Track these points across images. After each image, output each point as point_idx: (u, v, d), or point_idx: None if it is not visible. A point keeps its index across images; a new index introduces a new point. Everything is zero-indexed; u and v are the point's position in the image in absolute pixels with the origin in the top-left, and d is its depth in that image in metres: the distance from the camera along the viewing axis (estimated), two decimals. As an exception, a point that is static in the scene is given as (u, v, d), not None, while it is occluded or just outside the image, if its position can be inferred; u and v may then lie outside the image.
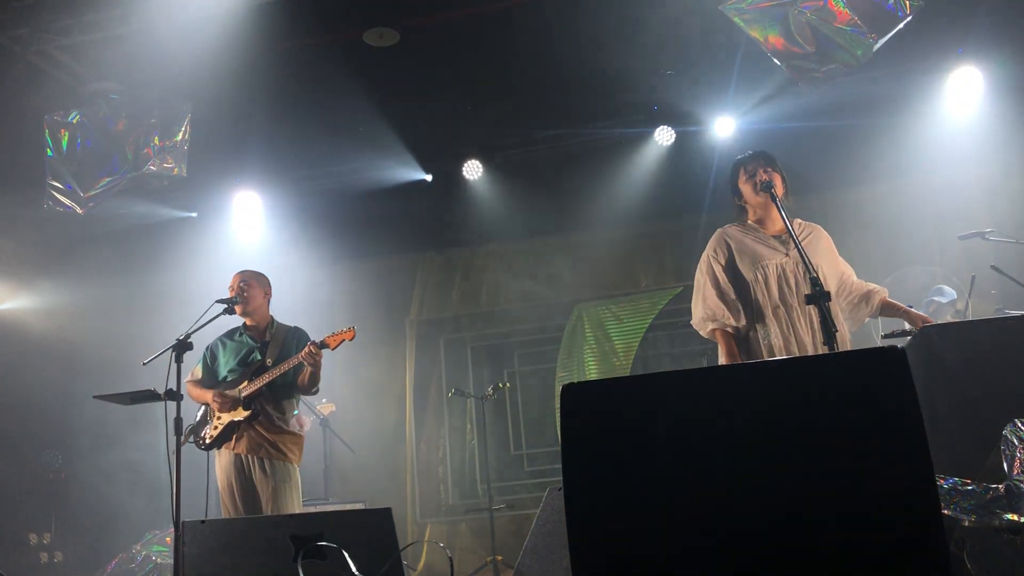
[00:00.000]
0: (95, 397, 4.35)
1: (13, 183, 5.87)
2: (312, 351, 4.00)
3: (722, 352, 3.29)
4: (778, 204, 3.18)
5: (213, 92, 5.44)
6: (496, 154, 7.11)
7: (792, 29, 4.33)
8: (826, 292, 2.82)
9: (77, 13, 4.93)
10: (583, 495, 1.56)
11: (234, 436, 4.11)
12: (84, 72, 5.37)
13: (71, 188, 5.24)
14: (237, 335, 4.33)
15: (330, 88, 5.80)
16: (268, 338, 4.27)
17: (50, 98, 5.39)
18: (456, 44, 5.66)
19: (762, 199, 3.32)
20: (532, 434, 7.24)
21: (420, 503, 7.32)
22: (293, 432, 4.19)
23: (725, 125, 6.61)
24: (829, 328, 2.69)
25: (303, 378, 4.16)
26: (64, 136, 5.24)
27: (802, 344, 3.16)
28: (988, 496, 1.93)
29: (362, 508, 5.38)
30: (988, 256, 5.14)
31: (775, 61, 4.50)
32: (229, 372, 4.24)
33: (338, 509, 5.30)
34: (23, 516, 6.35)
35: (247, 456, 4.07)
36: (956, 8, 5.31)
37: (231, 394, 4.13)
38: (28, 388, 6.51)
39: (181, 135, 5.32)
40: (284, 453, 4.09)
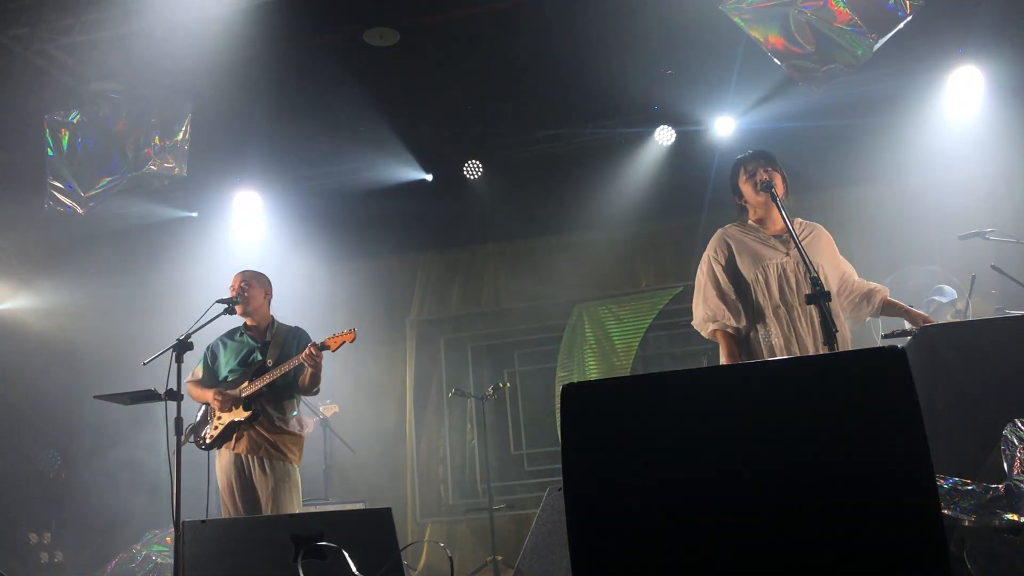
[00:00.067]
0: (95, 397, 4.35)
1: (13, 183, 5.87)
2: (312, 352, 4.01)
3: (723, 352, 3.29)
4: (778, 204, 3.18)
5: (213, 92, 5.45)
6: (496, 154, 7.10)
7: (792, 29, 4.33)
8: (826, 292, 2.83)
9: (77, 12, 4.93)
10: (583, 495, 1.56)
11: (234, 436, 4.11)
12: (84, 72, 5.37)
13: (71, 188, 5.25)
14: (238, 335, 4.33)
15: (330, 88, 5.80)
16: (269, 338, 4.28)
17: (50, 98, 5.40)
18: (456, 44, 5.66)
19: (762, 199, 3.31)
20: (532, 434, 7.24)
21: (420, 503, 7.32)
22: (293, 432, 4.19)
23: (725, 125, 6.61)
24: (829, 328, 2.69)
25: (304, 379, 4.16)
26: (64, 136, 5.25)
27: (803, 344, 3.16)
28: (988, 496, 1.93)
29: (362, 508, 5.38)
30: (988, 256, 5.13)
31: (775, 61, 4.50)
32: (230, 372, 4.24)
33: (338, 509, 5.30)
34: (23, 516, 6.35)
35: (247, 456, 4.08)
36: (956, 7, 5.31)
37: (232, 393, 4.14)
38: (28, 388, 6.51)
39: (181, 135, 5.32)
40: (284, 453, 4.10)
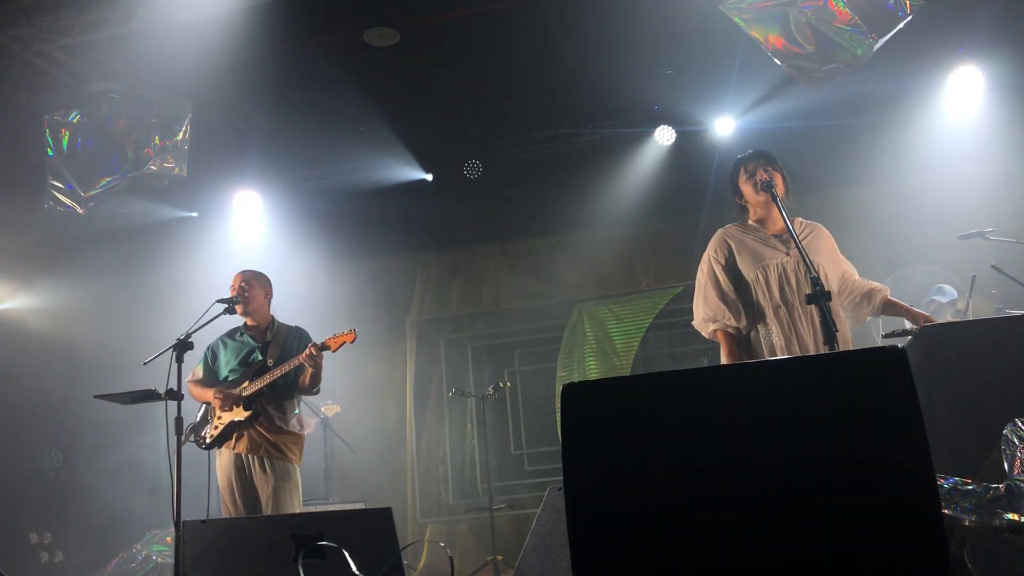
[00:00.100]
0: (96, 397, 4.35)
1: (13, 183, 5.87)
2: (313, 353, 4.01)
3: (724, 353, 3.29)
4: (778, 203, 3.18)
5: (213, 92, 5.44)
6: (496, 154, 7.09)
7: (792, 29, 4.33)
8: (827, 292, 2.83)
9: (77, 12, 4.93)
10: (583, 495, 1.56)
11: (234, 436, 4.12)
12: (84, 72, 5.37)
13: (71, 188, 5.24)
14: (238, 335, 4.33)
15: (330, 88, 5.79)
16: (269, 338, 4.28)
17: (50, 98, 5.39)
18: (456, 44, 5.66)
19: (763, 198, 3.31)
20: (532, 434, 7.24)
21: (420, 503, 7.32)
22: (293, 432, 4.19)
23: (725, 125, 6.61)
24: (829, 328, 2.69)
25: (304, 379, 4.16)
26: (64, 136, 5.24)
27: (803, 344, 3.16)
28: (988, 496, 1.93)
29: (362, 508, 5.38)
30: (988, 256, 5.14)
31: (775, 61, 4.49)
32: (230, 372, 4.24)
33: (338, 509, 5.30)
34: (24, 516, 6.35)
35: (247, 456, 4.08)
36: (957, 7, 5.31)
37: (233, 392, 4.14)
38: (29, 388, 6.52)
39: (181, 135, 5.31)
40: (284, 453, 4.10)
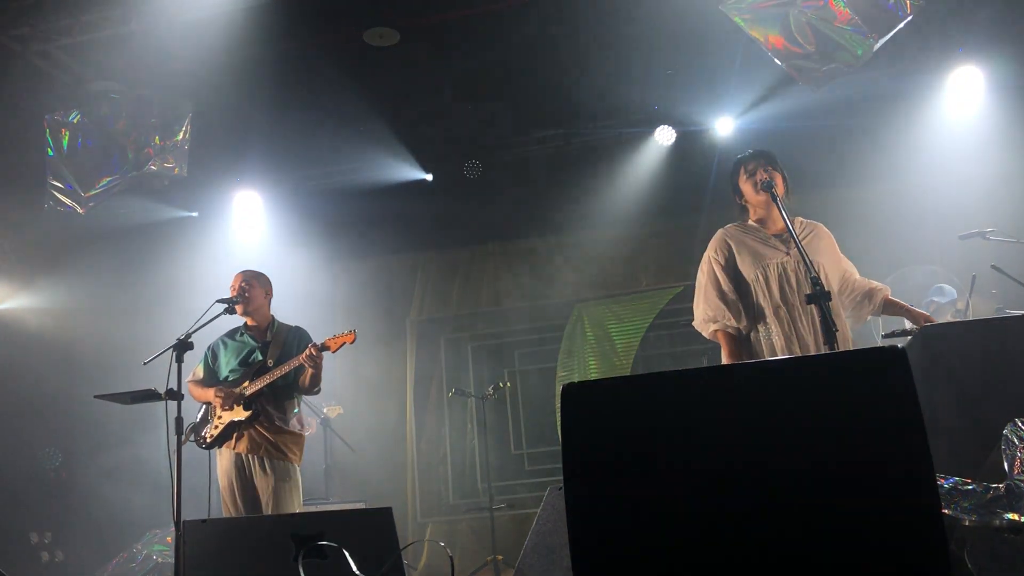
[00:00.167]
0: (96, 397, 4.35)
1: (13, 183, 5.87)
2: (313, 353, 4.01)
3: (724, 352, 3.29)
4: (778, 203, 3.18)
5: (213, 92, 5.44)
6: (496, 154, 7.10)
7: (792, 29, 4.33)
8: (827, 292, 2.83)
9: (78, 12, 4.93)
10: (584, 495, 1.56)
11: (234, 435, 4.12)
12: (85, 72, 5.37)
13: (72, 188, 5.24)
14: (238, 335, 4.33)
15: (330, 88, 5.79)
16: (269, 338, 4.28)
17: (50, 98, 5.39)
18: (456, 44, 5.66)
19: (763, 198, 3.31)
20: (532, 434, 7.25)
21: (421, 502, 7.32)
22: (293, 432, 4.19)
23: (725, 125, 6.61)
24: (829, 327, 2.69)
25: (304, 379, 4.17)
26: (65, 136, 5.24)
27: (804, 344, 3.16)
28: (988, 496, 1.93)
29: (363, 507, 5.38)
30: (988, 256, 5.13)
31: (775, 61, 4.49)
32: (230, 372, 4.24)
33: (339, 509, 5.30)
34: (24, 515, 6.35)
35: (247, 456, 4.08)
36: (957, 7, 5.31)
37: (234, 391, 4.14)
38: (29, 387, 6.51)
39: (182, 135, 5.32)
40: (284, 452, 4.10)
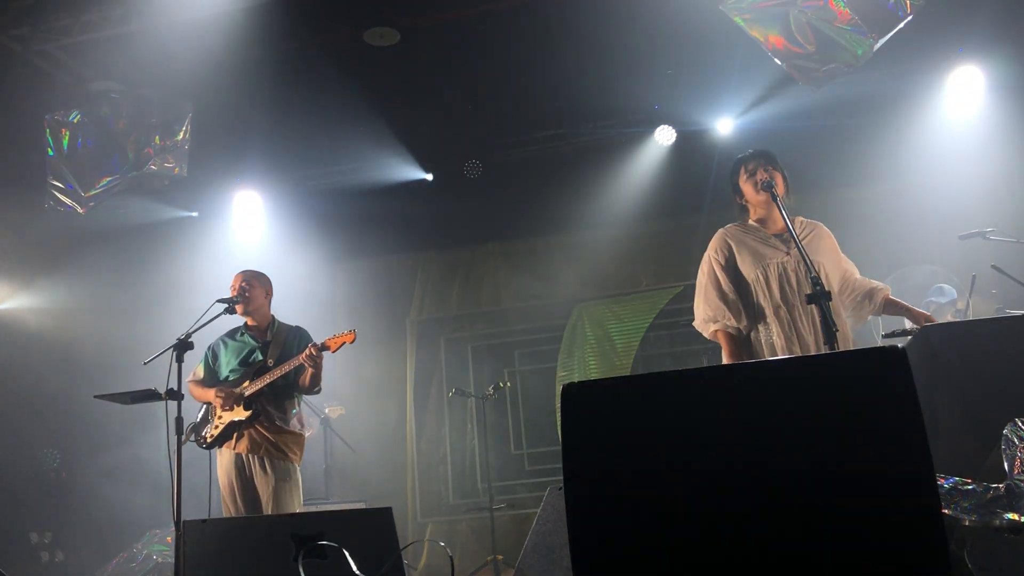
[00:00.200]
0: (96, 397, 4.35)
1: (13, 183, 5.87)
2: (313, 353, 4.01)
3: (724, 352, 3.29)
4: (779, 203, 3.18)
5: (213, 92, 5.45)
6: (496, 154, 7.10)
7: (792, 29, 4.32)
8: (827, 291, 2.82)
9: (78, 12, 4.93)
10: (584, 494, 1.56)
11: (234, 435, 4.12)
12: (85, 72, 5.38)
13: (72, 188, 5.24)
14: (238, 335, 4.33)
15: (330, 88, 5.80)
16: (269, 338, 4.28)
17: (50, 98, 5.40)
18: (456, 44, 5.66)
19: (763, 198, 3.31)
20: (532, 434, 7.25)
21: (421, 502, 7.32)
22: (294, 431, 4.19)
23: (725, 125, 6.61)
24: (830, 327, 2.69)
25: (304, 379, 4.16)
26: (65, 136, 5.24)
27: (804, 343, 3.16)
28: (988, 496, 1.93)
29: (363, 507, 5.38)
30: (988, 255, 5.13)
31: (775, 61, 4.49)
32: (231, 372, 4.24)
33: (339, 509, 5.30)
34: (24, 516, 6.35)
35: (248, 455, 4.08)
36: (957, 7, 5.31)
37: (234, 391, 4.14)
38: (29, 387, 6.51)
39: (182, 135, 5.32)
40: (285, 452, 4.10)
